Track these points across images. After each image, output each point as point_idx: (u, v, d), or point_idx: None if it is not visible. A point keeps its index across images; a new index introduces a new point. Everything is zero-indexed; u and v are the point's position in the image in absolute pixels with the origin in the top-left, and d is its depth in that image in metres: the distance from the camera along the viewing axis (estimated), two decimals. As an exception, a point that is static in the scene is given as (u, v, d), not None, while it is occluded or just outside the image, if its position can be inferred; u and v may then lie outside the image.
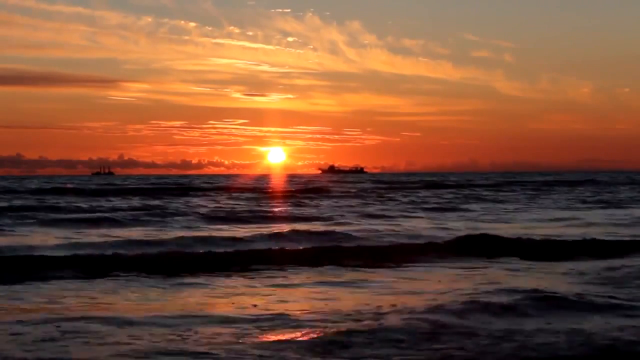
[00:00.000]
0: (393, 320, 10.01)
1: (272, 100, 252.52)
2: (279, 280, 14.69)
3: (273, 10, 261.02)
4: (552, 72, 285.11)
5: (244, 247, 20.77)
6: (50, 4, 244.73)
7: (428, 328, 9.56)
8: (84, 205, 42.95)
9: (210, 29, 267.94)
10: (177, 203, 46.94)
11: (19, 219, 31.59)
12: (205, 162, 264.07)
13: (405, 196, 58.28)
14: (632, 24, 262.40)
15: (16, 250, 19.59)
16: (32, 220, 30.77)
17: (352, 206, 44.18)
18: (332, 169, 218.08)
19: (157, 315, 10.65)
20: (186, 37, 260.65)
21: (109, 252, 18.88)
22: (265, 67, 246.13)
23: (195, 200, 50.84)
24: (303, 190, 69.87)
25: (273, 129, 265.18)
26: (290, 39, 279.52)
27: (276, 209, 40.80)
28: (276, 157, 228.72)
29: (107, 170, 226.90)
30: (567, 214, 36.70)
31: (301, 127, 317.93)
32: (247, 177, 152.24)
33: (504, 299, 11.42)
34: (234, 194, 61.97)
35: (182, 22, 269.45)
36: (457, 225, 28.68)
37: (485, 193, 64.49)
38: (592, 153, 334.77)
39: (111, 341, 9.05)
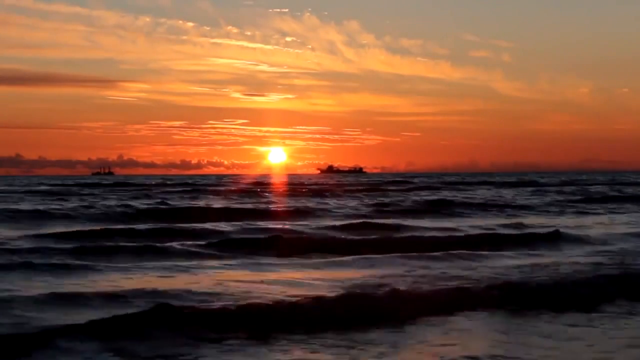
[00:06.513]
0: None
1: (272, 100, 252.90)
2: None
3: (271, 10, 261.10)
4: (551, 72, 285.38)
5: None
6: (47, 3, 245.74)
7: None
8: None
9: (208, 28, 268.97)
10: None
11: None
12: (205, 162, 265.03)
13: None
14: (631, 24, 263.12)
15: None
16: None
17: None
18: (331, 169, 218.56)
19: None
20: (184, 37, 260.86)
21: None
22: (264, 67, 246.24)
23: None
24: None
25: (272, 129, 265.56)
26: (288, 38, 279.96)
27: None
28: (276, 157, 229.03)
29: (106, 170, 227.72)
30: None
31: (301, 127, 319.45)
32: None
33: None
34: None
35: (180, 22, 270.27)
36: None
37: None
38: (591, 153, 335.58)
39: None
